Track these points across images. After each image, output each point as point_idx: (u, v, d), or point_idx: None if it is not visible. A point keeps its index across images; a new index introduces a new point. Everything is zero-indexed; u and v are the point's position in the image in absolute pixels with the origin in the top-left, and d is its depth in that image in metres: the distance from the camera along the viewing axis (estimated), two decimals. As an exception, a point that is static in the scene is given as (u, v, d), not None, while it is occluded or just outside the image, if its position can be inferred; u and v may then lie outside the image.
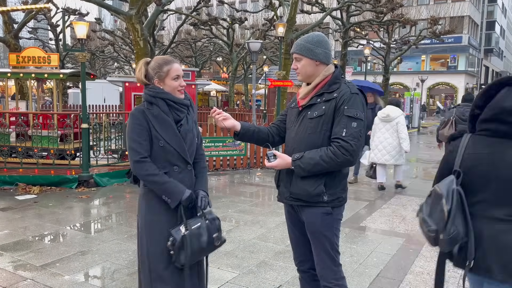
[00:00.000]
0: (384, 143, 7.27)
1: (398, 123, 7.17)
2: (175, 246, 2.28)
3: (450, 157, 2.07)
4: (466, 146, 2.02)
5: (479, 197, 1.96)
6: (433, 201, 2.06)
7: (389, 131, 7.22)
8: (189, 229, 2.32)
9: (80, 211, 6.07)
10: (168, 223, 2.35)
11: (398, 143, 7.20)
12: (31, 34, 24.67)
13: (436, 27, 22.90)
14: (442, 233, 1.95)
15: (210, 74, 48.00)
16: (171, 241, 2.29)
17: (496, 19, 53.23)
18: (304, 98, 2.44)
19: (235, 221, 5.61)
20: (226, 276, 3.84)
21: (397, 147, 7.23)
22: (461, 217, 1.96)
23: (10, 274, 3.84)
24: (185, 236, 2.29)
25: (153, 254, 2.34)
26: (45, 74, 8.99)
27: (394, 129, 7.19)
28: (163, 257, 2.33)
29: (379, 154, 7.34)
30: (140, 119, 2.32)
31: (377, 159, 7.37)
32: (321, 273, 2.43)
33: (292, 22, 13.49)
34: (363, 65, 33.44)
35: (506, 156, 1.86)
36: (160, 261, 2.33)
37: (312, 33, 2.45)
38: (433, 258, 4.40)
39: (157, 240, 2.34)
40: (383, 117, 7.26)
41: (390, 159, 7.29)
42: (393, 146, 7.22)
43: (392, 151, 7.24)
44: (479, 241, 1.94)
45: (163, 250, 2.32)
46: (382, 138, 7.29)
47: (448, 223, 1.93)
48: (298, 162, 2.28)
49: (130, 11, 10.01)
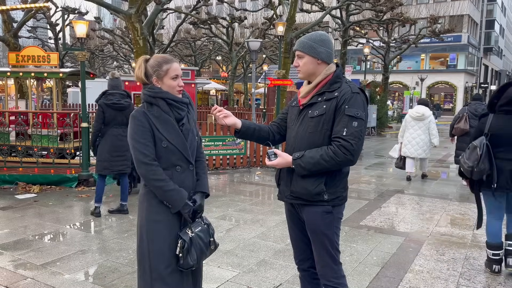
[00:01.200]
0: (417, 139, 8.19)
1: (430, 121, 8.16)
2: (184, 248, 2.30)
3: (481, 126, 3.86)
4: (491, 120, 3.79)
5: (500, 148, 3.70)
6: (471, 150, 3.77)
7: (421, 128, 8.16)
8: (194, 232, 2.34)
9: (80, 210, 6.08)
10: (168, 223, 2.34)
11: (429, 139, 8.18)
12: (30, 33, 24.68)
13: (435, 26, 22.91)
14: (475, 168, 3.67)
15: (210, 73, 47.95)
16: (181, 243, 2.30)
17: (495, 18, 53.22)
18: (305, 97, 2.44)
19: (235, 220, 5.61)
20: (226, 275, 3.85)
21: (428, 142, 8.20)
22: (487, 159, 3.65)
23: (10, 273, 3.85)
24: (192, 238, 2.31)
25: (154, 254, 2.33)
26: (44, 73, 8.99)
27: (426, 126, 8.15)
28: (164, 257, 2.32)
29: (412, 149, 8.23)
30: (142, 120, 2.30)
31: (410, 153, 8.28)
32: (322, 272, 2.43)
33: (291, 21, 13.49)
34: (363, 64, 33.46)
35: None
36: (161, 261, 2.33)
37: (315, 31, 2.46)
38: (433, 256, 4.41)
39: (157, 240, 2.33)
40: (417, 116, 8.15)
41: (422, 153, 8.25)
42: (425, 142, 8.17)
43: (424, 146, 8.18)
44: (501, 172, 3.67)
45: (163, 250, 2.32)
46: (415, 135, 8.20)
47: (480, 162, 3.64)
48: (299, 161, 2.29)
49: (129, 10, 10.00)
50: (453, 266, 4.16)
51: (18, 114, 8.94)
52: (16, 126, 8.63)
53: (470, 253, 4.54)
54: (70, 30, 26.81)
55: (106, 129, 5.58)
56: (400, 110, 26.66)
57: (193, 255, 2.32)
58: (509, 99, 3.68)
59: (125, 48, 28.73)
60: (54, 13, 22.05)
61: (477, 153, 3.68)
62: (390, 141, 16.93)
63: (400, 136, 8.56)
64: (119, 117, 5.56)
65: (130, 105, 5.67)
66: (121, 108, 5.56)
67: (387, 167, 10.39)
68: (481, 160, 3.66)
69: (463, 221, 5.71)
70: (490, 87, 52.71)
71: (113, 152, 5.56)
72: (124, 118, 5.53)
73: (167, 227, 2.34)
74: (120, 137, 5.57)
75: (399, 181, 8.48)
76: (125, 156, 5.63)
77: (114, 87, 5.65)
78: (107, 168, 5.62)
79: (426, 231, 5.25)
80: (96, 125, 5.58)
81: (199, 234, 2.36)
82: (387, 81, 24.89)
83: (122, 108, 5.56)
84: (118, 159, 5.61)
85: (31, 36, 25.08)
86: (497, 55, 58.95)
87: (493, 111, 3.83)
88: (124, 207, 5.85)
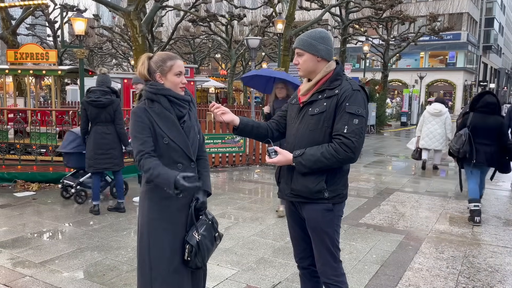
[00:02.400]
0: (434, 133, 9.18)
1: (446, 117, 9.17)
2: (192, 253, 2.29)
3: (465, 121, 5.56)
4: (471, 117, 5.50)
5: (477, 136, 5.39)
6: (457, 137, 5.55)
7: (438, 123, 9.15)
8: (200, 233, 2.33)
9: (79, 208, 6.06)
10: (169, 221, 2.33)
11: (444, 132, 9.15)
12: (29, 30, 24.59)
13: (435, 24, 22.89)
14: (461, 149, 5.42)
15: (209, 71, 47.89)
16: (188, 248, 2.29)
17: (495, 16, 53.19)
18: (305, 95, 2.43)
19: (234, 218, 5.61)
20: (226, 273, 3.84)
21: (444, 135, 9.18)
22: (469, 144, 5.39)
23: (9, 271, 3.83)
24: (200, 241, 2.31)
25: (155, 253, 2.31)
26: (43, 70, 8.96)
27: (442, 121, 9.14)
28: (164, 256, 2.31)
29: (430, 141, 9.26)
30: (142, 117, 2.29)
31: (428, 145, 9.31)
32: (322, 270, 2.43)
33: (291, 19, 13.47)
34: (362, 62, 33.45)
35: (487, 120, 5.39)
36: (161, 260, 2.31)
37: (315, 29, 2.44)
38: (432, 254, 4.41)
39: (158, 238, 2.32)
40: (435, 112, 9.14)
41: (438, 145, 9.26)
42: (441, 135, 9.17)
43: (440, 139, 9.20)
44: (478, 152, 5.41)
45: (164, 249, 2.31)
46: (432, 129, 9.20)
47: (464, 145, 5.39)
48: (299, 158, 2.28)
49: (128, 7, 9.98)
50: (453, 264, 4.16)
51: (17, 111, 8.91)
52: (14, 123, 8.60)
53: (470, 251, 4.54)
54: (68, 27, 26.70)
55: (91, 127, 5.54)
56: (399, 108, 26.61)
57: (200, 257, 2.33)
58: (484, 104, 5.44)
59: (124, 46, 28.67)
60: (53, 11, 21.99)
61: (462, 139, 5.48)
62: (389, 139, 16.92)
63: (418, 130, 9.50)
64: (102, 114, 5.45)
65: (112, 102, 5.50)
66: (100, 106, 5.41)
67: (386, 165, 10.39)
68: (464, 144, 5.44)
69: (462, 219, 5.71)
70: (489, 85, 52.73)
71: (97, 150, 5.48)
72: (108, 115, 5.46)
73: (168, 226, 2.32)
74: (103, 135, 5.48)
75: (399, 179, 8.48)
76: (110, 154, 5.54)
77: (100, 84, 5.55)
78: (92, 166, 5.55)
79: (425, 229, 5.25)
80: (82, 124, 5.62)
81: (204, 233, 2.35)
82: (386, 79, 24.87)
83: (101, 106, 5.42)
84: (103, 157, 5.51)
85: (29, 33, 25.00)
86: (496, 53, 58.96)
87: (473, 111, 5.55)
88: (121, 205, 5.81)
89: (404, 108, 24.65)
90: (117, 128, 5.58)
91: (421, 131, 9.36)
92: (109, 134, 5.53)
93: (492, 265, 4.17)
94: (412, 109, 24.36)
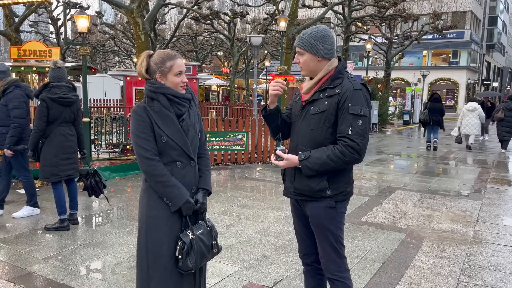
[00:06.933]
0: (472, 123, 12.90)
1: (480, 111, 13.00)
2: (184, 250, 2.27)
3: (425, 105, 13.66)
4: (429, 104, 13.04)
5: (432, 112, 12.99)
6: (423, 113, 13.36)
7: (474, 116, 12.88)
8: (195, 234, 2.32)
9: (81, 204, 6.08)
10: (168, 220, 2.32)
11: (479, 122, 12.96)
12: (32, 27, 24.62)
13: (438, 22, 22.82)
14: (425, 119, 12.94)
15: (211, 68, 47.89)
16: (181, 245, 2.28)
17: (498, 14, 52.96)
18: (307, 93, 2.42)
19: (236, 216, 5.62)
20: (227, 270, 3.85)
21: (478, 124, 12.98)
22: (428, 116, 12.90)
23: (12, 267, 3.86)
24: (193, 240, 2.29)
25: (152, 251, 2.31)
26: (46, 67, 8.97)
27: (477, 114, 12.88)
28: (162, 255, 2.30)
29: (469, 129, 12.97)
30: (142, 115, 2.29)
31: (468, 132, 13.02)
32: (326, 266, 2.44)
33: (293, 17, 13.44)
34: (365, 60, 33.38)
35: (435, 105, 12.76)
36: (159, 259, 2.30)
37: (316, 26, 2.40)
38: (434, 253, 4.41)
39: (156, 236, 2.31)
40: (471, 108, 12.92)
41: (476, 132, 13.03)
42: (477, 124, 12.94)
43: (477, 126, 12.96)
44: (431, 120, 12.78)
45: (162, 247, 2.30)
46: (470, 120, 12.92)
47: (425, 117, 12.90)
48: (306, 162, 2.28)
49: (131, 4, 9.98)
50: (454, 263, 4.16)
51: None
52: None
53: (471, 249, 4.54)
54: (71, 24, 26.76)
55: (51, 128, 4.74)
56: (402, 107, 26.55)
57: (192, 258, 2.28)
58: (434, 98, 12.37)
59: (127, 43, 28.66)
60: (56, 8, 22.02)
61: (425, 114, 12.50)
62: (391, 138, 16.90)
63: (459, 121, 13.19)
64: (66, 113, 4.81)
65: (78, 99, 4.95)
66: (69, 103, 4.80)
67: (388, 164, 10.39)
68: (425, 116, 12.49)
69: (464, 218, 5.71)
70: (492, 84, 52.55)
71: (61, 154, 4.79)
72: (72, 114, 4.87)
73: (167, 224, 2.31)
74: (68, 136, 4.85)
75: (401, 177, 8.48)
76: (73, 159, 4.94)
77: (58, 79, 4.80)
78: (55, 174, 4.81)
79: (427, 228, 5.26)
80: (40, 124, 4.66)
81: (200, 236, 2.34)
82: (389, 78, 24.80)
83: (70, 103, 4.81)
84: (67, 162, 4.85)
85: (32, 30, 25.04)
86: (499, 52, 58.73)
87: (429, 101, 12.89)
88: (74, 217, 5.10)
89: (407, 107, 24.61)
90: (78, 128, 5.03)
91: (461, 123, 12.98)
92: (73, 136, 4.92)
93: (494, 263, 4.17)
94: (415, 108, 24.30)
